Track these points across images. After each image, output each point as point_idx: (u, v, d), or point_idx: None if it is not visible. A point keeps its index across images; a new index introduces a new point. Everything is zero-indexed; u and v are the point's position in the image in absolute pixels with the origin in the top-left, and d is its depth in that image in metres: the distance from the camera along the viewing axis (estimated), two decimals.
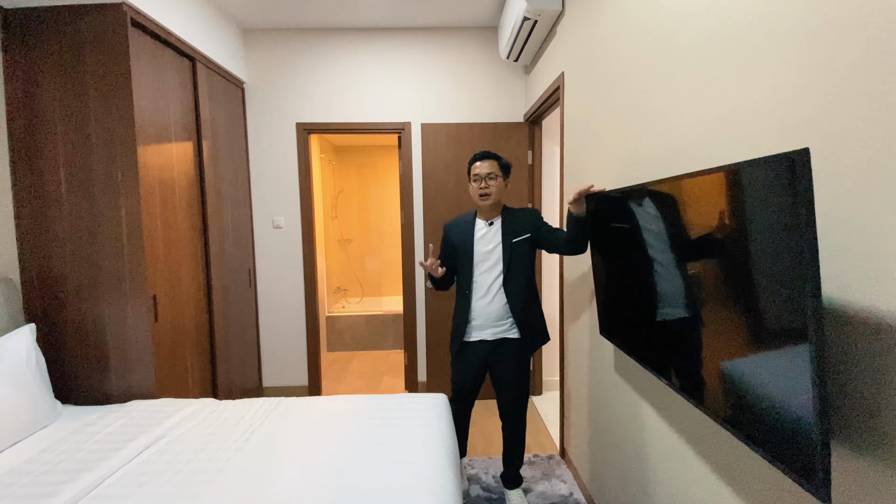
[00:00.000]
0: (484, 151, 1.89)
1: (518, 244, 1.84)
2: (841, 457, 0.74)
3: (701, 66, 1.10)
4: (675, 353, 1.09)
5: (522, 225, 1.86)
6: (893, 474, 0.65)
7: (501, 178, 1.87)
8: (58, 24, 1.84)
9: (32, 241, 1.91)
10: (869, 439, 0.69)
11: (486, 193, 1.84)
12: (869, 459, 0.69)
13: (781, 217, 0.68)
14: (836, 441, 0.74)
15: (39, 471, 1.32)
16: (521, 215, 1.91)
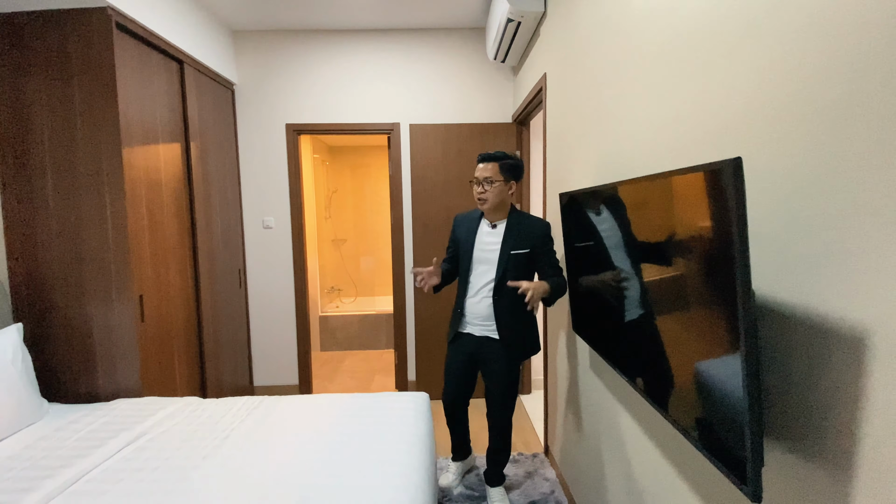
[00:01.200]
0: (486, 153, 1.82)
1: (516, 256, 1.78)
2: (779, 457, 0.76)
3: (663, 67, 1.11)
4: (630, 351, 1.11)
5: (526, 236, 1.78)
6: (821, 472, 0.67)
7: (502, 181, 1.78)
8: (44, 28, 1.87)
9: (20, 241, 1.94)
10: (802, 440, 0.71)
11: (483, 199, 1.79)
12: (802, 458, 0.71)
13: (714, 222, 0.70)
14: (777, 441, 0.76)
15: (21, 466, 1.35)
16: (529, 225, 1.81)
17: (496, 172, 1.77)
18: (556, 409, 2.31)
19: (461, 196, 3.12)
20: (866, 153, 0.59)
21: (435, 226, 3.13)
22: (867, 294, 0.59)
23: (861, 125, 0.59)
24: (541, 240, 1.79)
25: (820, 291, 0.66)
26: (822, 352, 0.66)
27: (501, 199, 1.80)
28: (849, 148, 0.61)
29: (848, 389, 0.62)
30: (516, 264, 1.78)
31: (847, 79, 0.61)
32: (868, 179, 0.59)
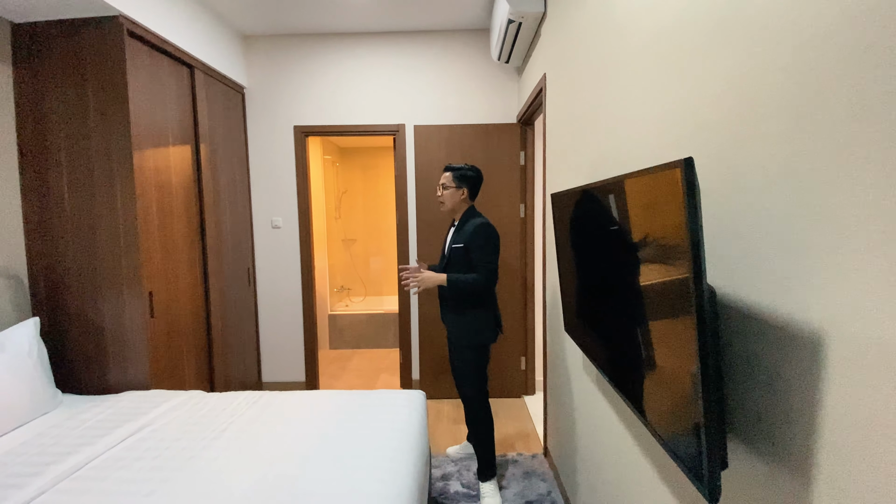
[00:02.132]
0: (447, 165, 2.14)
1: (455, 249, 2.04)
2: (743, 459, 0.76)
3: (650, 65, 1.12)
4: (604, 349, 1.12)
5: (465, 234, 2.02)
6: (784, 475, 0.67)
7: (454, 188, 2.06)
8: (61, 36, 1.97)
9: (38, 239, 2.04)
10: (766, 442, 0.71)
11: (440, 202, 2.12)
12: (766, 461, 0.71)
13: (670, 223, 0.70)
14: (743, 444, 0.76)
15: (32, 452, 1.42)
16: (470, 226, 2.01)
17: (450, 180, 2.07)
18: (553, 410, 2.31)
19: None
20: (824, 153, 0.59)
21: (439, 226, 3.16)
22: (822, 295, 0.59)
23: (821, 124, 0.59)
24: (471, 238, 1.98)
25: (781, 291, 0.66)
26: (785, 353, 0.66)
27: (454, 202, 2.09)
28: (808, 147, 0.61)
29: (806, 392, 0.62)
30: (457, 258, 2.03)
31: (810, 78, 0.62)
32: (826, 179, 0.59)
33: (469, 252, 1.97)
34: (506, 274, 3.18)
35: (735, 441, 0.77)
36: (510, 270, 3.18)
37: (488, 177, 3.12)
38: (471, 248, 1.96)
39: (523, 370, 3.28)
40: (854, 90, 0.54)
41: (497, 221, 3.14)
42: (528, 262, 3.21)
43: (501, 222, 3.14)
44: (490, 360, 2.18)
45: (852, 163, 0.54)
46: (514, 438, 2.69)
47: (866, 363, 0.53)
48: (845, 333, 0.56)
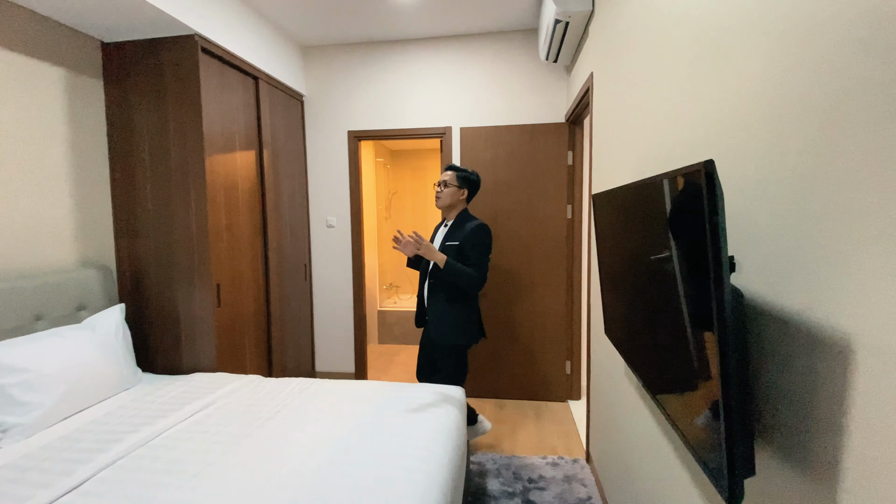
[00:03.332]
0: (450, 164, 2.21)
1: (448, 248, 2.10)
2: (770, 466, 0.73)
3: (690, 63, 1.09)
4: (635, 349, 1.10)
5: (460, 233, 2.10)
6: (805, 482, 0.65)
7: (456, 187, 2.15)
8: (144, 54, 2.22)
9: (125, 235, 2.31)
10: (789, 449, 0.68)
11: (438, 197, 2.18)
12: (788, 467, 0.68)
13: (694, 224, 0.69)
14: (769, 451, 0.74)
15: (114, 422, 1.63)
16: (466, 226, 2.11)
17: (453, 179, 2.15)
18: (597, 415, 2.27)
19: (510, 197, 3.14)
20: (859, 154, 0.56)
21: None
22: (853, 301, 0.57)
23: (856, 124, 0.57)
24: (468, 237, 2.08)
25: (811, 296, 0.64)
26: (814, 359, 0.64)
27: (452, 200, 2.16)
28: (843, 148, 0.59)
29: (835, 400, 0.60)
30: (450, 256, 2.07)
31: (844, 77, 0.59)
32: (860, 182, 0.56)
33: (464, 251, 2.06)
34: (550, 276, 3.15)
35: (763, 447, 0.74)
36: (554, 273, 3.15)
37: (534, 177, 3.11)
38: (467, 248, 2.06)
39: (568, 374, 3.23)
40: (890, 91, 0.51)
41: (542, 223, 3.12)
42: (574, 265, 3.16)
43: (546, 224, 3.12)
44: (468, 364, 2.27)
45: (887, 166, 0.52)
46: (555, 442, 2.66)
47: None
48: (876, 341, 0.53)
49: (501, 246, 3.17)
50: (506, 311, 3.21)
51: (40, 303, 1.87)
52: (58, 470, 1.33)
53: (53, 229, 2.01)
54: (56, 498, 1.22)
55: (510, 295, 3.19)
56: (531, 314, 3.19)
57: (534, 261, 3.16)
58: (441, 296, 2.12)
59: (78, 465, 1.35)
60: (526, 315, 3.19)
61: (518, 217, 3.15)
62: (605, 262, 1.50)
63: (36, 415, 1.60)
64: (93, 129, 2.21)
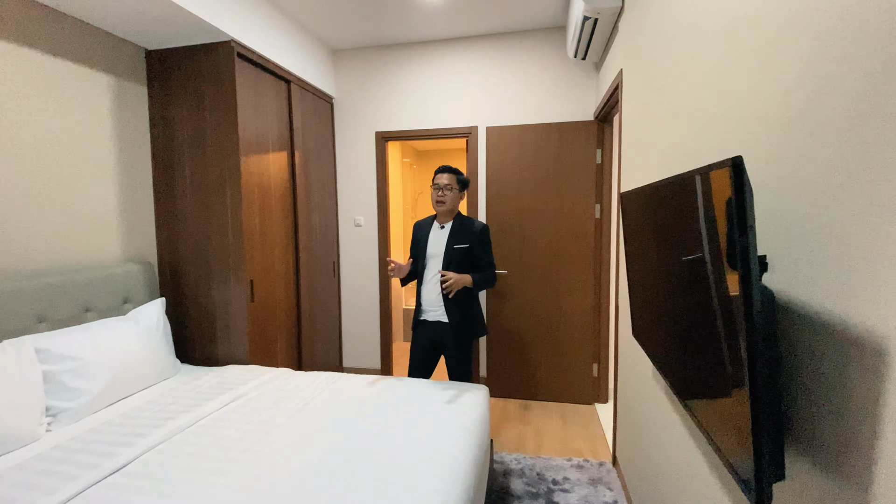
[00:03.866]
0: (445, 166, 2.20)
1: (458, 249, 2.13)
2: (802, 471, 0.71)
3: (720, 58, 1.06)
4: (662, 348, 1.08)
5: (467, 235, 2.15)
6: (836, 487, 0.62)
7: (457, 190, 2.17)
8: (184, 59, 2.33)
9: (165, 232, 2.43)
10: (821, 453, 0.66)
11: (442, 201, 2.15)
12: (820, 472, 0.66)
13: (723, 223, 0.68)
14: (800, 455, 0.71)
15: (155, 409, 1.72)
16: (470, 226, 2.17)
17: (453, 182, 2.16)
18: (624, 418, 2.22)
19: (536, 197, 3.12)
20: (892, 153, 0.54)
21: (507, 227, 3.18)
22: (889, 302, 0.55)
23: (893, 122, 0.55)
24: (477, 238, 2.15)
25: (846, 297, 0.62)
26: (848, 362, 0.61)
27: (455, 203, 2.19)
28: (881, 146, 0.57)
29: (867, 403, 0.58)
30: (458, 258, 2.13)
31: (882, 74, 0.57)
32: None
33: (472, 251, 2.13)
34: (577, 276, 3.11)
35: (794, 451, 0.72)
36: (581, 273, 3.10)
37: (561, 176, 3.08)
38: (477, 248, 2.14)
39: (595, 377, 3.18)
40: None
41: (570, 222, 3.08)
42: (602, 265, 3.10)
43: (574, 223, 3.08)
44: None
45: None
46: (581, 445, 2.63)
47: None
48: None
49: (527, 246, 3.16)
50: (531, 312, 3.19)
51: (90, 295, 1.99)
52: (103, 452, 1.42)
53: (102, 227, 2.13)
54: (101, 479, 1.30)
55: (536, 296, 3.17)
56: (557, 315, 3.15)
57: (560, 261, 3.12)
58: (462, 302, 2.16)
59: (122, 449, 1.43)
60: (552, 316, 3.16)
61: (545, 216, 3.12)
62: (634, 262, 1.47)
63: (84, 400, 1.71)
64: (137, 132, 2.33)
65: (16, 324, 1.71)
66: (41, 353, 1.67)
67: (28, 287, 1.75)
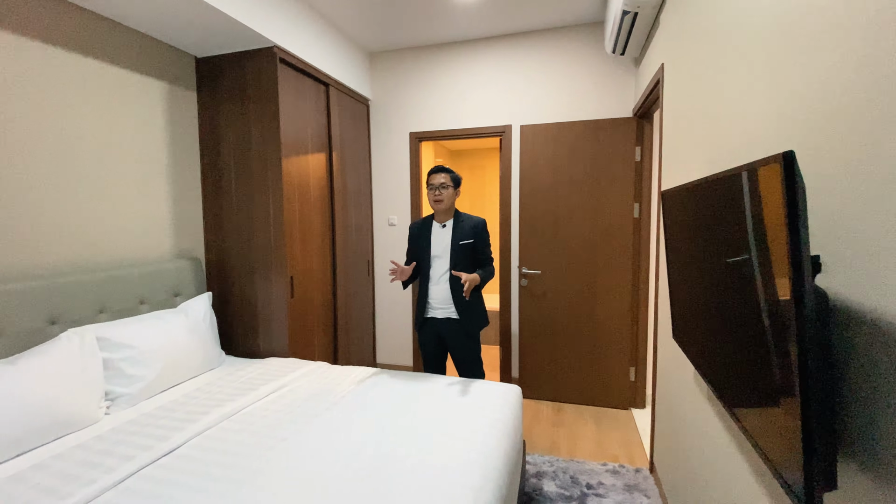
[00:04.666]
0: (438, 166, 2.25)
1: (463, 245, 2.19)
2: (855, 481, 0.67)
3: (767, 52, 1.01)
4: (718, 365, 1.04)
5: (469, 231, 2.21)
6: (889, 499, 0.59)
7: (452, 188, 2.22)
8: (230, 66, 2.44)
9: (212, 230, 2.56)
10: (874, 463, 0.62)
11: (440, 200, 2.20)
12: (872, 482, 0.62)
13: (773, 221, 0.65)
14: (853, 464, 0.67)
15: (203, 397, 1.82)
16: (470, 223, 2.23)
17: (448, 180, 2.21)
18: (663, 423, 2.16)
19: (572, 196, 3.07)
20: None
21: (541, 226, 3.14)
22: None
23: None
24: (479, 232, 2.23)
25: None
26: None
27: (451, 201, 2.23)
28: None
29: None
30: (463, 254, 2.19)
31: None
32: None
33: (475, 246, 2.21)
34: (614, 278, 3.04)
35: (847, 460, 0.68)
36: (619, 274, 3.02)
37: (598, 174, 3.01)
38: (479, 243, 2.22)
39: (632, 381, 3.09)
40: None
41: (607, 222, 3.01)
42: (641, 266, 3.02)
43: (611, 223, 3.01)
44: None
45: None
46: (616, 450, 2.57)
47: None
48: None
49: (562, 245, 3.11)
50: (565, 314, 3.14)
51: (144, 288, 2.13)
52: (156, 435, 1.51)
53: (155, 224, 2.27)
54: (154, 460, 1.39)
55: (570, 297, 3.12)
56: (593, 317, 3.09)
57: (597, 262, 3.06)
58: (460, 289, 2.19)
59: (173, 432, 1.52)
60: (587, 318, 3.10)
61: (581, 216, 3.06)
62: (675, 263, 1.43)
63: (139, 386, 1.83)
64: (187, 135, 2.47)
65: (80, 313, 1.85)
66: (102, 342, 1.80)
67: (91, 280, 1.89)
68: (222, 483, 1.26)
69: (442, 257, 2.22)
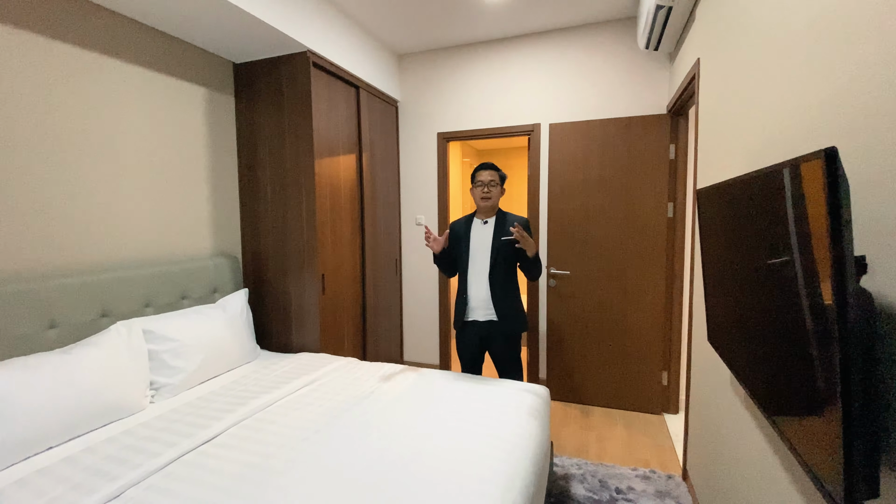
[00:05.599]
0: (486, 163, 2.24)
1: (505, 242, 2.14)
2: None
3: (811, 44, 0.97)
4: (755, 370, 1.00)
5: (511, 227, 2.12)
6: None
7: (499, 185, 2.22)
8: (266, 71, 2.53)
9: (249, 229, 2.66)
10: None
11: (488, 197, 2.19)
12: None
13: (814, 218, 0.63)
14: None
15: (238, 389, 1.90)
16: (512, 219, 2.20)
17: (496, 177, 2.21)
18: (697, 429, 2.09)
19: (602, 195, 3.01)
20: None
21: (571, 226, 3.10)
22: None
23: None
24: (524, 229, 2.13)
25: None
26: None
27: (498, 198, 2.23)
28: None
29: None
30: (505, 251, 2.15)
31: None
32: None
33: (517, 245, 2.12)
34: (646, 279, 2.96)
35: (890, 468, 0.65)
36: (652, 276, 2.95)
37: (630, 172, 2.95)
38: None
39: (665, 386, 3.01)
40: None
41: (639, 222, 2.95)
42: (675, 268, 2.93)
43: (644, 223, 2.94)
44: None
45: None
46: (647, 455, 2.51)
47: None
48: None
49: (592, 246, 3.06)
50: (595, 315, 3.09)
51: (185, 284, 2.24)
52: (197, 424, 1.59)
53: (196, 224, 2.38)
54: (196, 446, 1.46)
55: (601, 298, 3.07)
56: (624, 320, 3.03)
57: (629, 263, 2.99)
58: (506, 288, 2.17)
59: (213, 421, 1.60)
60: (618, 320, 3.04)
61: (612, 215, 3.01)
62: (711, 263, 1.39)
63: (181, 377, 1.92)
64: (225, 139, 2.57)
65: (128, 307, 1.96)
66: (147, 334, 1.90)
67: (138, 276, 2.01)
68: (259, 472, 1.31)
69: (483, 255, 2.20)
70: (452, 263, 2.32)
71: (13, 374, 1.42)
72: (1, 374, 1.40)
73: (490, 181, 2.18)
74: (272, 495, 1.20)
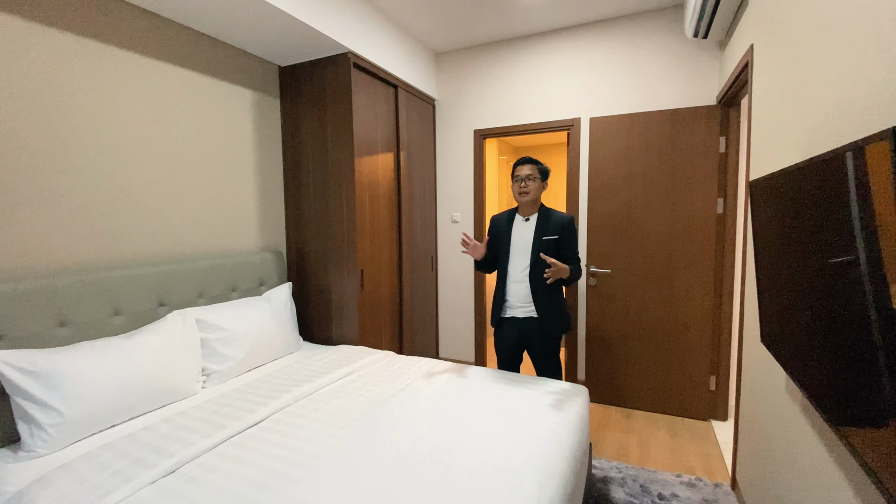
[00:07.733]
0: (525, 157, 2.18)
1: (546, 241, 2.10)
2: None
3: (870, 25, 0.90)
4: (817, 373, 0.94)
5: (554, 226, 2.12)
6: None
7: (539, 180, 2.15)
8: (310, 73, 2.62)
9: (293, 226, 2.76)
10: None
11: (525, 192, 2.13)
12: None
13: (885, 205, 0.58)
14: None
15: (281, 378, 1.97)
16: (556, 218, 2.14)
17: (534, 172, 2.14)
18: (747, 436, 1.98)
19: (645, 191, 2.91)
20: None
21: (612, 223, 3.01)
22: None
23: None
24: (566, 229, 2.12)
25: None
26: None
27: (538, 194, 2.16)
28: None
29: None
30: (546, 250, 2.09)
31: None
32: None
33: (560, 243, 2.11)
34: (694, 278, 2.83)
35: None
36: (699, 275, 2.82)
37: (676, 167, 2.83)
38: (566, 240, 2.12)
39: (712, 391, 2.87)
40: None
41: (686, 218, 2.82)
42: (725, 267, 2.79)
43: (691, 219, 2.81)
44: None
45: None
46: (693, 462, 2.40)
47: None
48: None
49: (635, 243, 2.96)
50: (638, 316, 2.98)
51: (235, 277, 2.35)
52: (244, 408, 1.67)
53: (244, 221, 2.50)
54: (244, 429, 1.53)
55: (644, 298, 2.96)
56: (669, 321, 2.91)
57: (674, 261, 2.87)
58: (548, 288, 2.11)
59: (259, 407, 1.67)
60: (662, 321, 2.92)
61: (656, 212, 2.89)
62: (765, 259, 1.31)
63: (230, 365, 2.03)
64: (271, 139, 2.69)
65: (182, 297, 2.09)
66: (200, 323, 2.02)
67: (192, 268, 2.13)
68: (302, 455, 1.36)
69: (523, 252, 2.14)
70: (493, 260, 2.29)
71: (83, 357, 1.54)
72: (73, 356, 1.52)
73: (528, 175, 2.13)
74: (313, 477, 1.25)
